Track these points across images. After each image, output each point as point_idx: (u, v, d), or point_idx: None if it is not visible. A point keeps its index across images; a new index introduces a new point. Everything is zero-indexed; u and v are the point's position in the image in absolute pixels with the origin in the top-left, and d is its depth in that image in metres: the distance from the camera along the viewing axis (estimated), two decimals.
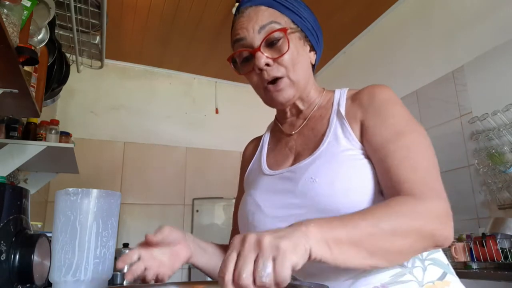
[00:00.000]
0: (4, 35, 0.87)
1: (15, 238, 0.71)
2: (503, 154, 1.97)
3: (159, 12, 2.92)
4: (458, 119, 2.28)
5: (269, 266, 0.41)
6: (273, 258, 0.41)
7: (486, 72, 2.14)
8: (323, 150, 0.71)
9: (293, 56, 0.73)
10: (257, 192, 0.76)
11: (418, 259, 0.65)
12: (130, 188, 3.37)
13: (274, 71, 0.72)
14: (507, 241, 1.66)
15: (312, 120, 0.79)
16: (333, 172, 0.66)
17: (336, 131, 0.72)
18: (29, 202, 0.80)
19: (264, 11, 0.73)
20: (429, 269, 0.65)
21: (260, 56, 0.71)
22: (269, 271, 0.41)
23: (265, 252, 0.42)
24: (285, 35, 0.71)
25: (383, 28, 3.05)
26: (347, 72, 3.47)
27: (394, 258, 0.55)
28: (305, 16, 0.77)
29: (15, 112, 1.40)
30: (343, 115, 0.73)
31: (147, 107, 3.66)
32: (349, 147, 0.69)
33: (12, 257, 0.69)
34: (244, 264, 0.41)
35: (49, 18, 1.35)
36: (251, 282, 0.41)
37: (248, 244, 0.43)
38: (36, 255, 0.71)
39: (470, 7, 2.30)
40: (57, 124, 1.85)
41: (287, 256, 0.41)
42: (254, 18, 0.73)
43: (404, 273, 0.63)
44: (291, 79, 0.73)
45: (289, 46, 0.71)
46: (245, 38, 0.73)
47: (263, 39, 0.71)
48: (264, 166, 0.81)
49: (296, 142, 0.80)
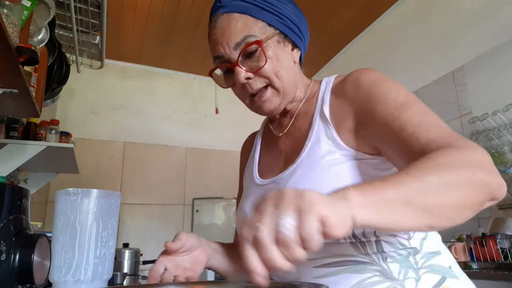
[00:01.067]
0: (4, 35, 0.87)
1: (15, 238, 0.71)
2: (503, 154, 1.97)
3: (159, 12, 2.92)
4: (458, 119, 2.28)
5: (289, 217, 0.35)
6: (298, 209, 0.35)
7: (486, 72, 2.14)
8: (304, 157, 0.68)
9: (274, 65, 0.70)
10: (247, 205, 0.77)
11: (411, 269, 0.61)
12: (130, 188, 3.37)
13: (257, 84, 0.70)
14: (507, 241, 1.66)
15: (298, 118, 0.77)
16: (313, 181, 0.64)
17: (319, 133, 0.69)
18: (29, 202, 0.80)
19: (236, 21, 0.70)
20: (423, 278, 0.60)
21: (239, 71, 0.69)
22: (290, 223, 0.34)
23: (286, 204, 0.36)
24: (261, 47, 0.68)
25: (383, 28, 3.05)
26: (347, 72, 3.46)
27: (452, 215, 0.47)
28: (284, 12, 0.72)
29: (15, 112, 1.40)
30: (326, 115, 0.70)
31: (147, 107, 3.66)
32: (331, 150, 0.66)
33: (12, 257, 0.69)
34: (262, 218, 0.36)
35: (49, 18, 1.35)
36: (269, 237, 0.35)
37: (269, 198, 0.38)
38: (36, 255, 0.71)
39: (470, 7, 2.30)
40: (57, 124, 1.85)
41: (314, 208, 0.35)
42: (227, 31, 0.70)
43: (395, 286, 0.59)
44: (275, 88, 0.71)
45: (266, 58, 0.68)
46: (222, 55, 0.71)
47: (239, 54, 0.69)
48: (255, 173, 0.80)
49: (285, 144, 0.78)
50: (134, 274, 2.53)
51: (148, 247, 3.17)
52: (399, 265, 0.61)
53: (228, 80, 0.75)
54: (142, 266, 2.76)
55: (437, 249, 0.65)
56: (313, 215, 0.34)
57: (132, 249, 2.60)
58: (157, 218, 3.38)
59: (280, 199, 0.36)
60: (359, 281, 0.60)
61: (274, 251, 0.34)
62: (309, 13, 2.96)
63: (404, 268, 0.61)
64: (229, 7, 0.71)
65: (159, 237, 3.22)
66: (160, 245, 2.74)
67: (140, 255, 2.65)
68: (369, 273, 0.60)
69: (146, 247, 3.15)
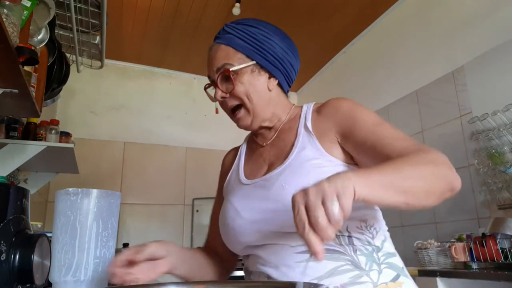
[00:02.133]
0: (4, 35, 0.87)
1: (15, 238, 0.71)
2: (503, 154, 1.97)
3: (159, 12, 2.92)
4: (458, 119, 2.28)
5: (336, 204, 0.49)
6: (337, 196, 0.49)
7: (486, 72, 2.14)
8: (292, 160, 0.81)
9: (245, 89, 0.85)
10: (235, 200, 0.85)
11: (375, 263, 0.73)
12: (130, 188, 3.37)
13: (231, 102, 0.87)
14: (507, 241, 1.66)
15: (282, 132, 0.90)
16: (300, 179, 0.75)
17: (304, 143, 0.82)
18: (29, 202, 0.80)
19: (221, 51, 0.87)
20: (384, 272, 0.73)
21: (217, 91, 0.87)
22: (337, 208, 0.48)
23: (329, 194, 0.49)
24: (229, 74, 0.84)
25: (383, 28, 3.06)
26: (347, 72, 3.47)
27: (422, 197, 0.61)
28: (265, 47, 0.86)
29: (15, 112, 1.40)
30: (310, 129, 0.83)
31: (147, 107, 3.66)
32: (316, 156, 0.78)
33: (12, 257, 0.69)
34: (315, 210, 0.48)
35: (49, 18, 1.35)
36: (327, 222, 0.48)
37: (312, 194, 0.50)
38: (36, 255, 0.71)
39: (470, 7, 2.30)
40: (57, 124, 1.85)
41: (346, 192, 0.50)
42: (214, 58, 0.87)
43: (362, 275, 0.71)
44: (247, 108, 0.86)
45: (234, 83, 0.84)
46: (210, 75, 0.89)
47: (217, 77, 0.86)
48: (241, 176, 0.91)
49: (269, 153, 0.90)
50: None
51: None
52: (366, 258, 0.73)
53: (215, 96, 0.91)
54: None
55: (393, 251, 0.79)
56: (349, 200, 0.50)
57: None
58: (157, 218, 3.38)
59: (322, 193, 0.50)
60: (334, 267, 0.71)
61: (330, 230, 0.48)
62: (310, 13, 2.98)
63: (369, 261, 0.73)
64: (221, 39, 0.88)
65: (159, 237, 3.22)
66: None
67: None
68: (342, 261, 0.72)
69: None
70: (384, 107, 2.90)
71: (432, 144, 2.41)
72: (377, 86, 3.02)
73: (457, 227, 2.18)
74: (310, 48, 3.42)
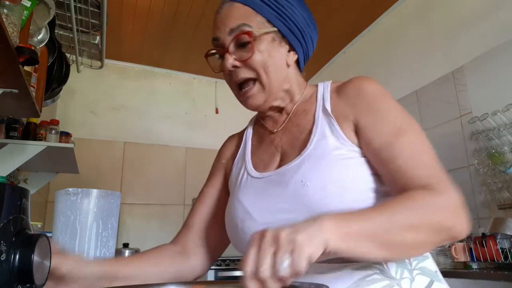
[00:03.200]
0: (4, 35, 0.87)
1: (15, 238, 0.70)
2: (503, 154, 1.97)
3: (159, 12, 2.92)
4: (458, 119, 2.28)
5: (286, 260, 0.43)
6: (291, 251, 0.44)
7: (486, 72, 2.14)
8: (311, 150, 0.68)
9: (264, 59, 0.71)
10: (245, 197, 0.73)
11: (406, 270, 0.64)
12: (130, 188, 3.37)
13: (242, 73, 0.72)
14: (507, 241, 1.66)
15: (296, 115, 0.78)
16: (325, 174, 0.64)
17: (324, 129, 0.70)
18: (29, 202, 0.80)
19: (237, 10, 0.72)
20: (416, 279, 0.64)
21: (227, 58, 0.71)
22: (286, 264, 0.43)
23: (282, 246, 0.44)
24: (250, 39, 0.70)
25: (383, 28, 3.05)
26: (347, 72, 3.47)
27: (408, 252, 0.57)
28: (288, 13, 0.73)
29: (15, 112, 1.40)
30: (330, 112, 0.71)
31: (147, 107, 3.66)
32: (338, 145, 0.67)
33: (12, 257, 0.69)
34: (263, 258, 0.44)
35: (49, 18, 1.35)
36: (270, 275, 0.43)
37: (267, 240, 0.45)
38: (36, 255, 0.71)
39: (470, 7, 2.30)
40: (57, 124, 1.85)
41: (304, 249, 0.44)
42: (227, 17, 0.72)
43: (393, 285, 0.62)
44: (262, 83, 0.72)
45: (253, 51, 0.70)
46: (218, 38, 0.73)
47: (231, 40, 0.71)
48: (250, 167, 0.78)
49: (281, 140, 0.77)
50: None
51: (148, 247, 3.17)
52: (396, 265, 0.64)
53: (219, 66, 0.75)
54: None
55: (426, 253, 0.69)
56: (303, 259, 0.43)
57: (132, 249, 2.60)
58: (157, 218, 3.37)
59: (276, 242, 0.45)
60: (361, 277, 0.62)
61: (270, 284, 0.43)
62: None
63: (400, 268, 0.64)
64: None
65: (159, 237, 3.22)
66: None
67: None
68: (370, 270, 0.63)
69: (146, 247, 3.15)
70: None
71: (432, 144, 2.40)
72: None
73: None
74: None
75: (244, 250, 0.47)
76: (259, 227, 0.67)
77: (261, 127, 0.83)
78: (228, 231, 0.76)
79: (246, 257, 0.45)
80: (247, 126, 0.89)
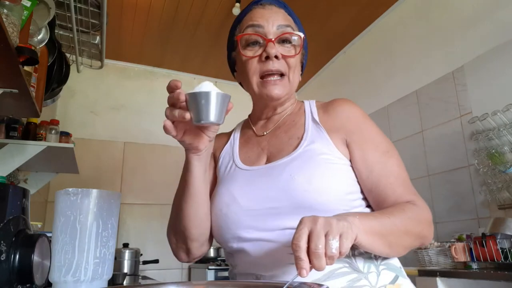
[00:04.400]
0: (4, 35, 0.87)
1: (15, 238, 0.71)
2: (503, 154, 1.97)
3: (159, 12, 2.92)
4: (458, 119, 2.28)
5: (337, 242, 0.52)
6: (340, 235, 0.53)
7: (486, 72, 2.14)
8: (300, 152, 0.76)
9: (297, 61, 0.82)
10: (233, 185, 0.79)
11: (373, 265, 0.72)
12: (130, 188, 3.37)
13: (279, 65, 0.78)
14: (507, 241, 1.66)
15: (285, 124, 0.85)
16: (310, 171, 0.72)
17: (313, 137, 0.78)
18: (29, 202, 0.80)
19: (284, 15, 0.82)
20: (382, 273, 0.72)
21: (273, 46, 0.77)
22: (337, 245, 0.52)
23: (334, 231, 0.53)
24: (301, 40, 0.80)
25: (383, 28, 3.06)
26: (347, 72, 3.47)
27: (400, 250, 0.69)
28: (305, 42, 0.86)
29: (15, 112, 1.40)
30: (319, 122, 0.80)
31: (147, 107, 3.66)
32: (325, 151, 0.75)
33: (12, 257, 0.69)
34: (318, 238, 0.52)
35: (49, 18, 1.35)
36: (324, 253, 0.51)
37: (320, 223, 0.53)
38: (36, 255, 0.71)
39: (470, 7, 2.30)
40: (57, 124, 1.85)
41: (349, 234, 0.54)
42: (276, 15, 0.80)
43: (360, 278, 0.69)
44: (290, 80, 0.80)
45: (299, 51, 0.80)
46: (262, 26, 0.79)
47: (280, 34, 0.78)
48: (238, 160, 0.84)
49: (268, 143, 0.84)
50: (134, 274, 2.54)
51: (148, 247, 3.17)
52: (364, 260, 0.71)
53: (249, 51, 0.80)
54: (142, 266, 2.76)
55: None
56: (349, 241, 0.54)
57: (132, 249, 2.60)
58: (157, 218, 3.37)
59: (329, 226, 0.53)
60: (331, 270, 0.69)
61: (322, 261, 0.51)
62: (309, 13, 2.97)
63: (367, 263, 0.71)
64: (279, 4, 0.83)
65: (159, 237, 3.22)
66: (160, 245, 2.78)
67: (140, 255, 2.65)
68: (339, 264, 0.69)
69: (146, 247, 3.15)
70: (384, 107, 2.90)
71: (432, 144, 2.42)
72: (377, 86, 3.02)
73: (457, 227, 2.18)
74: (309, 48, 3.41)
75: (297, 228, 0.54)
76: (243, 213, 0.74)
77: (249, 130, 0.91)
78: (212, 217, 0.79)
79: (298, 236, 0.52)
80: (234, 128, 0.96)
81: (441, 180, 2.34)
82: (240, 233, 0.73)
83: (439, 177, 2.35)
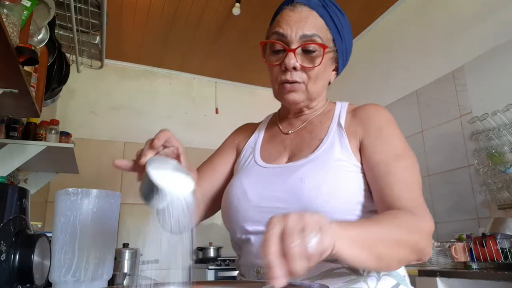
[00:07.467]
0: (4, 35, 0.87)
1: (15, 238, 0.71)
2: (503, 154, 1.97)
3: (159, 12, 2.92)
4: (458, 119, 2.28)
5: (315, 236, 0.43)
6: (318, 228, 0.44)
7: (486, 72, 2.14)
8: (318, 155, 0.75)
9: (319, 72, 0.77)
10: (246, 180, 0.79)
11: None
12: (130, 188, 3.36)
13: (297, 76, 0.76)
14: (507, 241, 1.66)
15: (312, 125, 0.84)
16: (322, 176, 0.71)
17: (334, 140, 0.77)
18: (29, 202, 0.80)
19: (314, 19, 0.77)
20: (383, 279, 0.69)
21: (291, 57, 0.75)
22: (315, 240, 0.43)
23: (310, 224, 0.44)
24: (323, 51, 0.76)
25: (383, 28, 3.06)
26: (347, 72, 3.46)
27: (392, 265, 0.61)
28: (345, 37, 0.81)
29: (15, 112, 1.40)
30: (343, 127, 0.78)
31: (147, 107, 3.65)
32: (342, 157, 0.74)
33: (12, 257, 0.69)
34: (291, 234, 0.43)
35: (49, 18, 1.35)
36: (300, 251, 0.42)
37: (292, 219, 0.44)
38: (36, 255, 0.71)
39: (470, 7, 2.30)
40: (57, 124, 1.85)
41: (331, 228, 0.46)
42: (303, 21, 0.76)
43: (358, 280, 0.67)
44: (307, 89, 0.78)
45: (320, 63, 0.75)
46: (285, 35, 0.76)
47: (301, 44, 0.75)
48: (257, 156, 0.84)
49: (292, 142, 0.84)
50: (134, 274, 2.53)
51: (148, 247, 3.17)
52: None
53: (273, 58, 0.79)
54: (142, 266, 2.75)
55: None
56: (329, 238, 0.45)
57: (132, 249, 2.60)
58: None
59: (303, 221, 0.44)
60: (329, 269, 0.67)
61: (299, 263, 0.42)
62: None
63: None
64: (313, 4, 0.78)
65: (159, 237, 3.22)
66: None
67: (140, 255, 2.65)
68: (339, 264, 0.67)
69: (146, 247, 3.14)
70: (384, 107, 2.89)
71: (432, 144, 2.41)
72: (377, 86, 3.02)
73: (457, 227, 2.18)
74: None
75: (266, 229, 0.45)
76: (251, 208, 0.74)
77: (276, 126, 0.90)
78: (223, 206, 0.82)
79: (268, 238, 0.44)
80: (262, 121, 0.96)
81: (441, 180, 2.34)
82: (247, 226, 0.75)
83: (439, 177, 2.35)
